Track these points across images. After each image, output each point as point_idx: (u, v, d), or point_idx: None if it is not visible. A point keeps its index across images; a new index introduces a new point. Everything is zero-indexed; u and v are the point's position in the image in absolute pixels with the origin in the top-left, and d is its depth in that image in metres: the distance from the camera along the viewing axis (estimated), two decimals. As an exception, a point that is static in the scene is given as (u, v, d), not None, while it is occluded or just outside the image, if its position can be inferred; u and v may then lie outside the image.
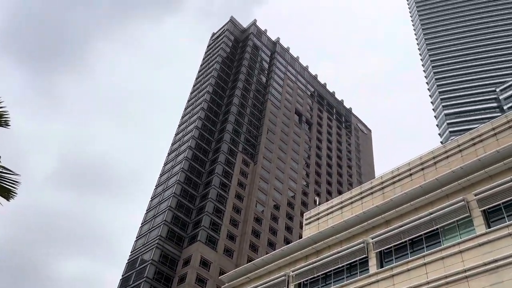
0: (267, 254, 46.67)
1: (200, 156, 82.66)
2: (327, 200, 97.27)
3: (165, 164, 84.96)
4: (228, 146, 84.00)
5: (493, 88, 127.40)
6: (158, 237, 67.14)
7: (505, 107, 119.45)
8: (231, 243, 72.69)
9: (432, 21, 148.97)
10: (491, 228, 23.34)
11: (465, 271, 22.89)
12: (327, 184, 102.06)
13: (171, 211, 71.44)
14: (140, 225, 74.94)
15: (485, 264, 22.25)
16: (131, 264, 68.23)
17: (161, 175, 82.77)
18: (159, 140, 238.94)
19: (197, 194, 77.62)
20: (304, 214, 39.91)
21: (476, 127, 31.51)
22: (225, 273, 67.30)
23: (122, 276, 67.54)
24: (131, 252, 70.62)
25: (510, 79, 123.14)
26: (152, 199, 78.76)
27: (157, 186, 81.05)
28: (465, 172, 25.89)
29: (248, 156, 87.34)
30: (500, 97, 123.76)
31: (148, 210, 76.67)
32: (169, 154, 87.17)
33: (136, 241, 71.99)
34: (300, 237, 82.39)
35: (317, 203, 43.83)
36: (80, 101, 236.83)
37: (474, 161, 25.67)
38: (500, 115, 37.77)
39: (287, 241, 79.57)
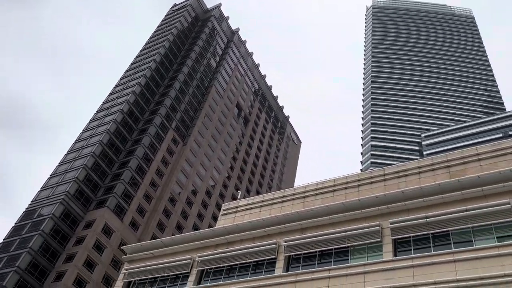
0: (173, 235, 45.86)
1: (130, 123, 79.64)
2: (244, 197, 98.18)
3: (91, 121, 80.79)
4: (162, 120, 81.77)
5: (419, 133, 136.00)
6: (65, 193, 63.63)
7: (425, 153, 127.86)
8: (139, 217, 70.79)
9: (381, 60, 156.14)
10: (397, 257, 24.56)
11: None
12: (248, 182, 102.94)
13: (86, 170, 68.05)
14: (48, 177, 70.58)
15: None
16: (28, 214, 64.01)
17: (84, 131, 78.59)
18: (92, 97, 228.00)
19: (116, 160, 74.64)
20: (223, 204, 39.74)
21: (396, 164, 33.11)
22: (123, 246, 65.59)
23: (15, 224, 63.19)
24: (31, 202, 66.30)
25: (435, 128, 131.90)
26: (69, 153, 74.58)
27: (77, 141, 76.87)
28: (386, 200, 27.04)
29: (179, 135, 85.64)
30: (423, 143, 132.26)
31: (61, 163, 72.44)
32: (98, 112, 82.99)
33: (39, 192, 67.67)
34: (210, 226, 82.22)
35: (238, 197, 43.84)
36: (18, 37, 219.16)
37: (398, 192, 26.92)
38: (418, 159, 40.29)
39: (196, 228, 79.10)
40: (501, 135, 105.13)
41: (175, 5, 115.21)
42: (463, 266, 22.21)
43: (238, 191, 55.74)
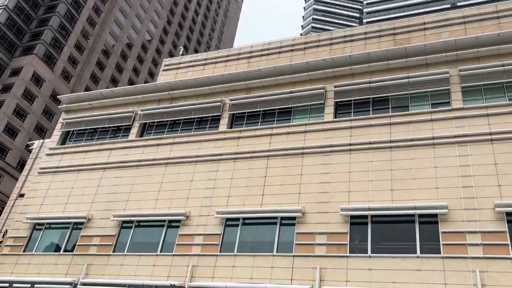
0: (108, 88, 44.56)
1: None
2: (182, 55, 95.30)
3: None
4: (92, -39, 73.03)
5: (362, 0, 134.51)
6: (-16, 36, 57.80)
7: (364, 20, 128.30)
8: (71, 68, 67.19)
9: None
10: (337, 119, 25.84)
11: (303, 148, 25.36)
12: (186, 39, 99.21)
13: (7, 11, 61.27)
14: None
15: (322, 147, 24.90)
16: None
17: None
18: None
19: (42, 3, 67.48)
20: (164, 59, 38.31)
21: (342, 29, 32.88)
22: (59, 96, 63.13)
23: None
24: None
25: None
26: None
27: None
28: (333, 64, 27.35)
29: (112, -19, 77.82)
30: (364, 10, 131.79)
31: (-24, 2, 64.25)
32: None
33: (-46, 33, 60.78)
34: (145, 82, 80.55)
35: (180, 53, 42.30)
36: None
37: (345, 56, 27.19)
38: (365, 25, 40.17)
39: (131, 82, 77.21)
40: (448, 5, 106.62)
41: None
42: (397, 129, 23.95)
43: (180, 47, 53.49)
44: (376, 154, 23.59)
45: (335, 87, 26.79)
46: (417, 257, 19.95)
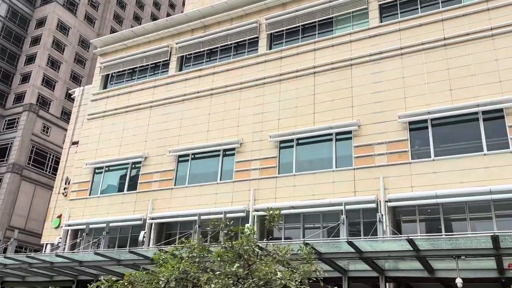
0: (132, 27, 43.46)
1: None
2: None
3: None
4: None
5: None
6: (3, -10, 56.90)
7: None
8: (93, 11, 65.96)
9: None
10: (383, 22, 24.37)
11: (350, 59, 24.35)
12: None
13: (19, -39, 59.55)
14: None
15: (371, 55, 23.81)
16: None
17: None
18: None
19: None
20: (188, -13, 36.66)
21: None
22: (86, 42, 62.71)
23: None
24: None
25: None
26: None
27: None
28: (373, -37, 25.32)
29: None
30: None
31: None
32: None
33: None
34: (168, 15, 78.54)
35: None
36: None
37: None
38: None
39: (154, 18, 75.50)
40: None
41: None
42: (450, 24, 22.41)
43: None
44: (430, 54, 22.35)
45: (377, -12, 24.96)
46: (484, 154, 19.45)
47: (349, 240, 13.35)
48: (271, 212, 9.30)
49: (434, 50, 22.32)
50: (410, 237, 12.63)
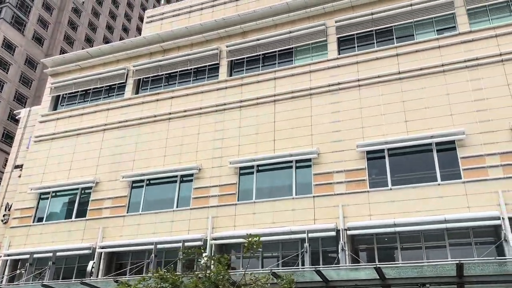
0: (83, 49, 42.23)
1: None
2: (154, 6, 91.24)
3: None
4: None
5: None
6: None
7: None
8: (43, 30, 63.83)
9: None
10: (342, 55, 25.14)
11: (310, 88, 24.81)
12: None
13: (-36, -25, 56.97)
14: None
15: (329, 85, 24.38)
16: None
17: None
18: None
19: (0, -38, 62.80)
20: (146, 11, 36.48)
21: None
22: (33, 62, 60.28)
23: None
24: None
25: None
26: None
27: None
28: (331, -2, 26.32)
29: None
30: None
31: None
32: None
33: None
34: (121, 39, 77.43)
35: (162, 2, 40.24)
36: None
37: (343, -11, 26.09)
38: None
39: (107, 41, 74.12)
40: None
41: None
42: (405, 59, 23.47)
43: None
44: (386, 87, 23.20)
45: (336, 22, 25.86)
46: (439, 184, 20.14)
47: (317, 269, 13.14)
48: (249, 239, 8.94)
49: (389, 83, 23.22)
50: (378, 265, 12.63)
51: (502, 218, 18.21)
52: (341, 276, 14.25)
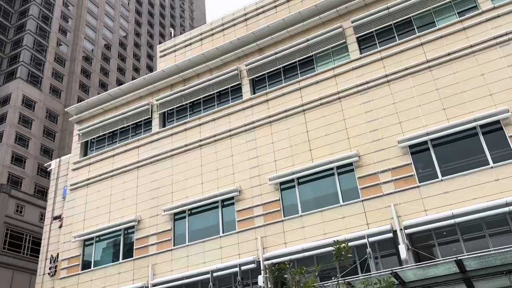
0: (99, 94, 42.53)
1: (9, -22, 67.24)
2: (160, 42, 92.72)
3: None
4: (47, -31, 69.82)
5: None
6: (-37, 73, 55.61)
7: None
8: (58, 83, 65.15)
9: None
10: (364, 54, 24.73)
11: (338, 92, 24.38)
12: (160, 27, 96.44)
13: (-22, 42, 58.80)
14: None
15: (357, 85, 23.93)
16: None
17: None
18: None
19: (9, 25, 64.86)
20: (158, 46, 36.76)
21: None
22: (53, 114, 61.38)
23: None
24: None
25: None
26: None
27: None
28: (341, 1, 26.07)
29: (72, -16, 74.68)
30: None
31: None
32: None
33: None
34: (133, 79, 78.57)
35: (172, 35, 40.72)
36: None
37: (355, -12, 25.83)
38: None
39: (120, 83, 75.29)
40: None
41: None
42: (430, 47, 22.92)
43: (171, 29, 51.68)
44: (416, 78, 22.63)
45: (352, 22, 25.55)
46: (491, 167, 19.30)
47: (394, 271, 12.48)
48: (337, 245, 8.44)
49: (419, 73, 22.65)
50: (459, 258, 11.92)
51: None
52: (418, 276, 13.52)
